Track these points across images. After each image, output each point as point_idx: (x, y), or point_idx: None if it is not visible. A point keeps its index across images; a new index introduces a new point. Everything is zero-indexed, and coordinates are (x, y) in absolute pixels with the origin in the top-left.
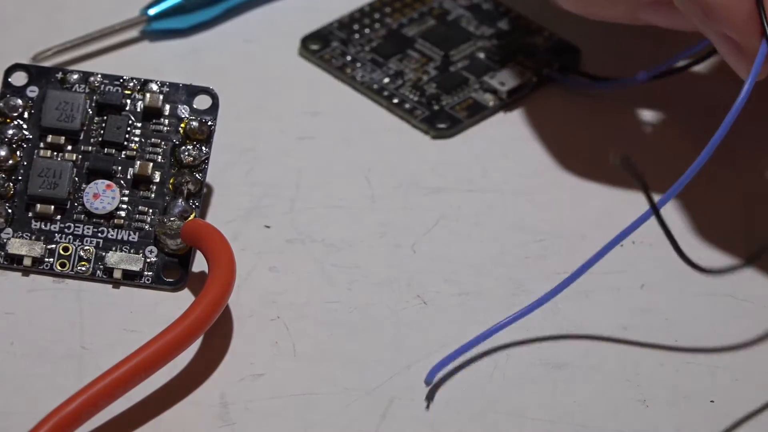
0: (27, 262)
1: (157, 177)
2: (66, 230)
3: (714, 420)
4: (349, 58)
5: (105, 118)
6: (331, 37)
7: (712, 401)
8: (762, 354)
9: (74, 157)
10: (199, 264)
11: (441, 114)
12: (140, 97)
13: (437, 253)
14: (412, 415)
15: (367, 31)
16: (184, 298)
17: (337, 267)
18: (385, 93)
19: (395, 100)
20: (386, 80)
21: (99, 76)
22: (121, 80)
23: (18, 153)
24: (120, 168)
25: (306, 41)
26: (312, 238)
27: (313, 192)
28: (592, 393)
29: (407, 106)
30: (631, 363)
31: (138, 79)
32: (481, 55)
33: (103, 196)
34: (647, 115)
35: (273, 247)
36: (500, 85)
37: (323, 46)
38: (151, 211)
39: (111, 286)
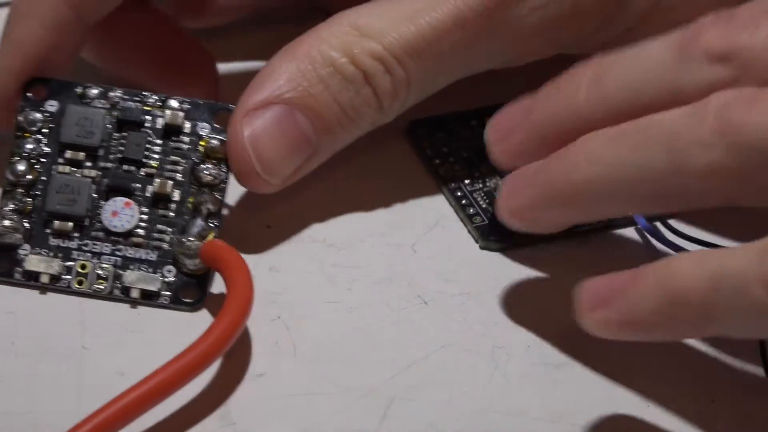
0: (44, 279)
1: (176, 195)
2: (84, 247)
3: (714, 420)
4: (445, 149)
5: (125, 134)
6: (440, 127)
7: (713, 401)
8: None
9: (93, 174)
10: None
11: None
12: (160, 113)
13: (437, 253)
14: (412, 415)
15: (477, 130)
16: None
17: (338, 267)
18: (458, 193)
19: (463, 201)
20: (467, 180)
21: (119, 91)
22: (141, 96)
23: (37, 168)
24: (139, 185)
25: (414, 124)
26: (312, 238)
27: (313, 192)
28: (592, 393)
29: (471, 211)
30: (631, 363)
31: (158, 96)
32: None
33: (121, 213)
34: None
35: (274, 247)
36: None
37: (428, 134)
38: (169, 230)
39: (128, 305)
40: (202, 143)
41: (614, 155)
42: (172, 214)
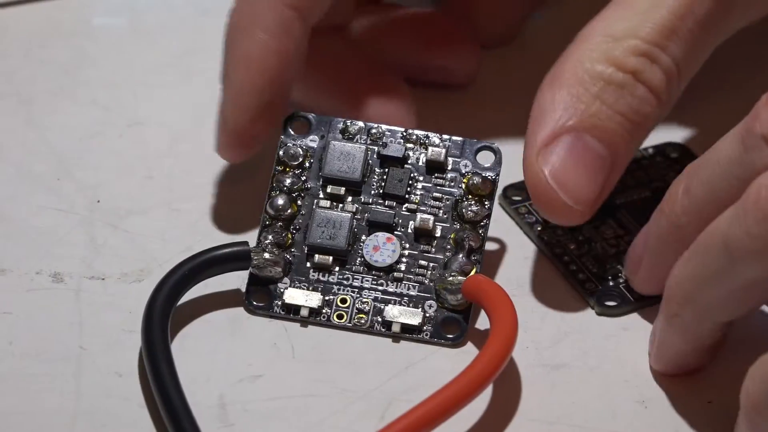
0: (304, 312)
1: (438, 231)
2: (344, 282)
3: (712, 421)
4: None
5: (386, 170)
6: None
7: (709, 402)
8: (760, 354)
9: (353, 209)
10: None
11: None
12: (422, 150)
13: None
14: None
15: None
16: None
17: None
18: (565, 258)
19: (572, 267)
20: (572, 246)
21: (380, 127)
22: (403, 132)
23: (298, 202)
24: (400, 221)
25: (507, 190)
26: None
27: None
28: (591, 393)
29: (581, 276)
30: (630, 364)
31: (420, 132)
32: None
33: (383, 248)
34: None
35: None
36: None
37: (524, 199)
38: (431, 265)
39: (391, 340)
40: (464, 180)
41: (688, 275)
42: (433, 249)
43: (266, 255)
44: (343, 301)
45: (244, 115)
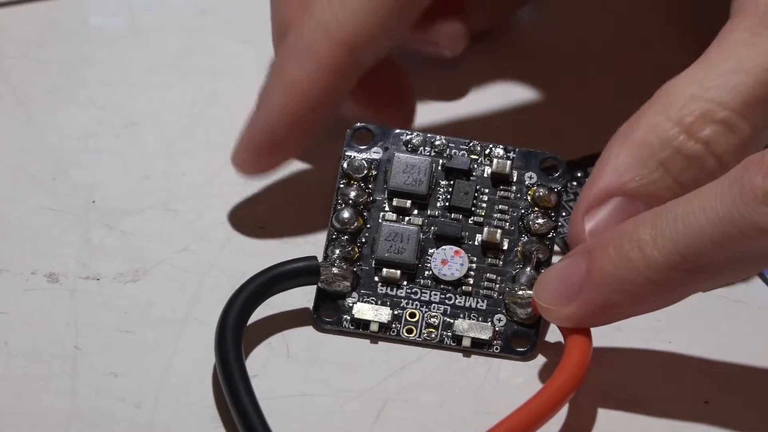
0: (374, 327)
1: (505, 244)
2: (413, 296)
3: (708, 421)
4: None
5: (452, 182)
6: None
7: (706, 402)
8: (755, 355)
9: (419, 222)
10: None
11: None
12: (486, 162)
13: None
14: (405, 416)
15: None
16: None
17: None
18: None
19: None
20: None
21: (443, 138)
22: (468, 144)
23: (364, 214)
24: (467, 234)
25: None
26: (306, 240)
27: (308, 192)
28: (585, 395)
29: None
30: (625, 364)
31: (483, 144)
32: None
33: (451, 262)
34: None
35: (268, 248)
36: None
37: None
38: (499, 278)
39: (461, 354)
40: (529, 192)
41: None
42: (501, 263)
43: (335, 270)
44: (412, 315)
45: (273, 137)
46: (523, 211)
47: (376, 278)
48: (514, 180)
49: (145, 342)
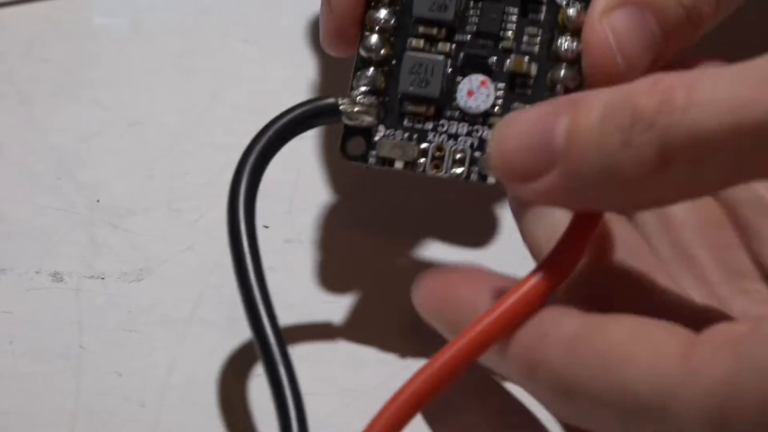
0: (399, 165)
1: (533, 71)
2: (440, 128)
3: None
4: None
5: (480, 5)
6: None
7: None
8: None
9: (446, 49)
10: None
11: None
12: None
13: (434, 251)
14: None
15: None
16: (182, 298)
17: (335, 266)
18: None
19: None
20: None
21: None
22: None
23: (391, 40)
24: (495, 59)
25: None
26: (310, 239)
27: (311, 192)
28: None
29: None
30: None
31: None
32: None
33: (477, 93)
34: None
35: (271, 247)
36: None
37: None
38: (527, 107)
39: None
40: (559, 15)
41: None
42: (529, 91)
43: (357, 108)
44: (439, 149)
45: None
46: (552, 35)
47: (401, 112)
48: (544, 1)
49: (150, 341)
